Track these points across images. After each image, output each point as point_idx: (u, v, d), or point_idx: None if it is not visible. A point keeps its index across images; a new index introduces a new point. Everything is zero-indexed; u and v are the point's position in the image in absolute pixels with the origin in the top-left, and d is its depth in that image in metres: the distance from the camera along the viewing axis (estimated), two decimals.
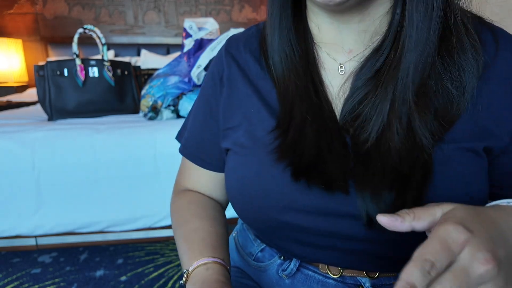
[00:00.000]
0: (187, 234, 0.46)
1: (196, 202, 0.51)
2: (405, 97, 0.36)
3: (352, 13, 0.38)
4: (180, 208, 0.51)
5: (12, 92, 3.02)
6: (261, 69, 0.46)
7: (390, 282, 0.44)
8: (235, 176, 0.44)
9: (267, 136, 0.42)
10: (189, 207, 0.50)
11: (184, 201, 0.52)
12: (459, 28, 0.37)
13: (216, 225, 0.47)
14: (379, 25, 0.40)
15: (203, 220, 0.47)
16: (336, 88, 0.42)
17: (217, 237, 0.45)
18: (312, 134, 0.39)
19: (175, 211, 0.52)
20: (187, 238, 0.45)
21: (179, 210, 0.51)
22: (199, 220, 0.47)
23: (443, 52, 0.37)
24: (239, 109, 0.46)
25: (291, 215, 0.40)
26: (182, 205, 0.51)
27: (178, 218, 0.50)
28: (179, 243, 0.46)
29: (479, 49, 0.37)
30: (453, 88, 0.37)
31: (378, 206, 0.35)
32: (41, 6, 3.13)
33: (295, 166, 0.38)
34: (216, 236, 0.45)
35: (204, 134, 0.51)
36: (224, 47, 0.50)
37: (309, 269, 0.46)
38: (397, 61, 0.36)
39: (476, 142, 0.38)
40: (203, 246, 0.43)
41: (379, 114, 0.37)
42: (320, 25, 0.42)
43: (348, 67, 0.42)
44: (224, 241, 0.46)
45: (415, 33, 0.35)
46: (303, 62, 0.42)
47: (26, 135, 1.27)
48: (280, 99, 0.43)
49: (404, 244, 0.39)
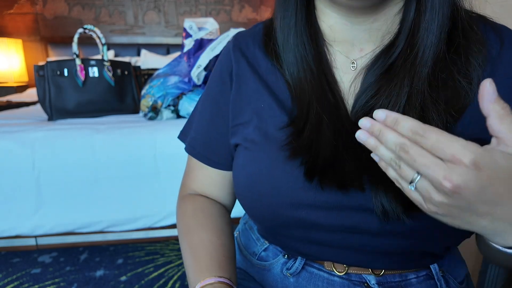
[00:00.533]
0: (193, 246, 0.45)
1: (202, 210, 0.50)
2: (420, 90, 0.37)
3: (367, 13, 0.39)
4: (186, 215, 0.50)
5: (12, 92, 3.01)
6: (271, 65, 0.46)
7: (395, 280, 0.44)
8: (244, 172, 0.44)
9: (279, 133, 0.42)
10: (195, 216, 0.49)
11: (190, 208, 0.51)
12: (464, 26, 0.39)
13: (223, 237, 0.46)
14: (391, 24, 0.41)
15: (209, 232, 0.46)
16: (347, 83, 0.43)
17: (224, 251, 0.44)
18: (329, 134, 0.39)
19: (180, 218, 0.51)
20: (193, 250, 0.44)
21: (185, 217, 0.50)
22: (205, 231, 0.46)
23: (451, 48, 0.38)
24: (248, 104, 0.46)
25: (302, 211, 0.40)
26: (188, 212, 0.50)
27: (184, 226, 0.49)
28: (185, 254, 0.45)
29: (483, 44, 0.39)
30: (461, 79, 0.38)
31: (392, 198, 0.36)
32: (41, 6, 3.12)
33: (310, 165, 0.39)
34: (223, 251, 0.44)
35: (212, 133, 0.50)
36: (231, 43, 0.50)
37: (314, 267, 0.46)
38: (413, 57, 0.38)
39: (484, 133, 0.38)
40: (209, 262, 0.42)
41: (393, 106, 0.38)
42: (333, 25, 0.43)
43: (360, 63, 0.43)
44: (231, 255, 0.44)
45: (430, 31, 0.37)
46: (316, 62, 0.43)
47: (26, 135, 1.26)
48: (296, 99, 0.43)
49: (415, 237, 0.39)
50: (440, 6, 0.37)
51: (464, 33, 0.39)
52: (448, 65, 0.38)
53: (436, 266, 0.46)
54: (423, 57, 0.37)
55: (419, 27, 0.38)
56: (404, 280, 0.44)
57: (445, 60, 0.38)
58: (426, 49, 0.37)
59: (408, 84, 0.37)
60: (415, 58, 0.38)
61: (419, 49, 0.37)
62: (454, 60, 0.38)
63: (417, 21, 0.38)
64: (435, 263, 0.46)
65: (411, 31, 0.39)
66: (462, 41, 0.38)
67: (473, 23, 0.40)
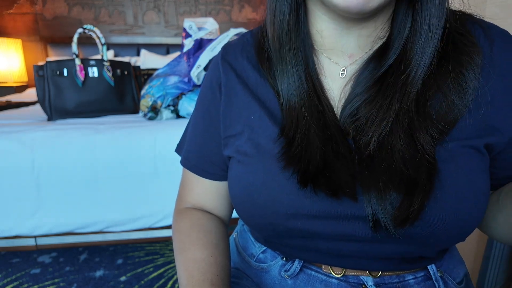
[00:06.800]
0: (186, 263, 0.44)
1: (198, 226, 0.49)
2: (409, 108, 0.37)
3: (358, 19, 0.39)
4: (181, 232, 0.49)
5: (12, 92, 3.02)
6: (260, 76, 0.46)
7: (393, 281, 0.44)
8: (240, 184, 0.44)
9: (272, 144, 0.42)
10: (191, 233, 0.48)
11: (186, 224, 0.50)
12: (456, 40, 0.39)
13: (217, 254, 0.45)
14: (380, 30, 0.40)
15: (204, 250, 0.45)
16: (336, 91, 0.43)
17: (217, 270, 0.43)
18: (318, 141, 0.39)
19: (176, 234, 0.50)
20: (186, 268, 0.43)
21: (180, 234, 0.49)
22: (200, 249, 0.45)
23: (442, 62, 0.38)
24: (239, 117, 0.46)
25: (299, 221, 0.40)
26: (183, 228, 0.49)
27: (179, 243, 0.48)
28: (179, 272, 0.45)
29: (478, 53, 0.38)
30: (453, 95, 0.38)
31: (385, 208, 0.36)
32: (40, 6, 3.12)
33: (302, 173, 0.38)
34: (216, 270, 0.43)
35: (205, 144, 0.50)
36: (220, 55, 0.50)
37: (312, 269, 0.46)
38: (406, 76, 0.38)
39: (477, 139, 0.38)
40: (202, 281, 0.41)
41: (381, 121, 0.37)
42: (323, 31, 0.42)
43: (349, 70, 0.42)
44: (225, 274, 0.44)
45: (424, 53, 0.37)
46: (306, 70, 0.42)
47: (26, 135, 1.26)
48: (284, 108, 0.43)
49: (410, 243, 0.39)
50: (437, 29, 0.36)
51: (455, 47, 0.38)
52: (439, 81, 0.38)
53: (434, 267, 0.46)
54: (414, 77, 0.37)
55: (413, 46, 0.38)
56: (402, 281, 0.44)
57: (435, 77, 0.38)
58: (418, 70, 0.37)
59: (398, 102, 0.37)
60: (407, 77, 0.37)
61: (412, 69, 0.37)
62: (444, 76, 0.38)
63: (412, 39, 0.38)
64: (433, 264, 0.46)
65: (404, 48, 0.38)
66: (453, 55, 0.38)
67: (463, 26, 0.39)
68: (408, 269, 0.45)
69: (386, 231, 0.37)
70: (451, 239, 0.38)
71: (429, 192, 0.35)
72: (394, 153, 0.37)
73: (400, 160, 0.36)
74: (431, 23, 0.36)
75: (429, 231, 0.37)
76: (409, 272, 0.45)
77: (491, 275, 0.95)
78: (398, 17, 0.39)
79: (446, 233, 0.37)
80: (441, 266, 0.47)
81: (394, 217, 0.35)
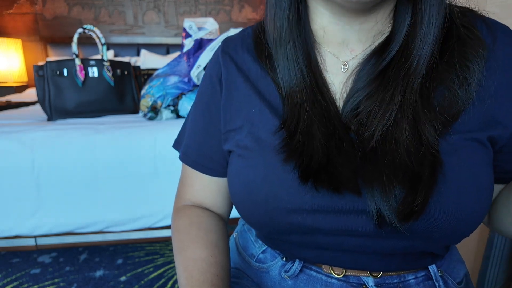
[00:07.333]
0: (186, 263, 0.44)
1: (197, 224, 0.48)
2: (413, 99, 0.37)
3: (359, 13, 0.39)
4: (180, 230, 0.49)
5: (12, 92, 3.02)
6: (261, 69, 0.46)
7: (394, 281, 0.44)
8: (239, 180, 0.44)
9: (272, 138, 0.42)
10: (190, 231, 0.47)
11: (184, 222, 0.49)
12: (460, 33, 0.39)
13: (217, 254, 0.45)
14: (382, 25, 0.40)
15: (203, 249, 0.45)
16: (338, 85, 0.43)
17: (216, 269, 0.43)
18: (320, 136, 0.39)
19: (175, 233, 0.49)
20: (186, 268, 0.43)
21: (179, 233, 0.49)
22: (199, 248, 0.45)
23: (445, 54, 0.38)
24: (240, 110, 0.45)
25: (299, 216, 0.40)
26: (182, 227, 0.49)
27: (178, 242, 0.48)
28: (178, 272, 0.44)
29: (484, 47, 0.38)
30: (457, 87, 0.38)
31: (389, 203, 0.35)
32: (40, 6, 3.12)
33: (303, 168, 0.38)
34: (216, 270, 0.43)
35: (205, 139, 0.50)
36: (220, 48, 0.49)
37: (312, 270, 0.46)
38: (407, 67, 0.37)
39: (480, 132, 0.38)
40: (202, 281, 0.41)
41: (384, 113, 0.37)
42: (324, 26, 0.42)
43: (351, 64, 0.42)
44: (224, 273, 0.43)
45: (426, 42, 0.37)
46: (307, 64, 0.42)
47: (26, 135, 1.26)
48: (286, 102, 0.42)
49: (413, 238, 0.39)
50: (437, 18, 0.36)
51: (459, 39, 0.38)
52: (443, 73, 0.38)
53: (434, 267, 0.46)
54: (417, 67, 0.37)
55: (414, 37, 0.37)
56: (403, 281, 0.44)
57: (439, 69, 0.38)
58: (420, 59, 0.37)
59: (401, 93, 0.37)
60: (409, 68, 0.37)
61: (413, 59, 0.37)
62: (448, 69, 0.38)
63: (413, 31, 0.38)
64: (434, 264, 0.46)
65: (405, 40, 0.38)
66: (458, 48, 0.38)
67: (468, 22, 0.40)
68: (409, 269, 0.45)
69: (390, 226, 0.37)
70: (455, 233, 0.38)
71: (433, 186, 0.35)
72: (398, 146, 0.36)
73: (405, 153, 0.36)
74: (431, 13, 0.36)
75: (433, 225, 0.36)
76: (409, 272, 0.45)
77: (491, 275, 0.95)
78: (400, 11, 0.39)
79: (450, 227, 0.37)
80: (441, 266, 0.47)
81: (399, 212, 0.35)
